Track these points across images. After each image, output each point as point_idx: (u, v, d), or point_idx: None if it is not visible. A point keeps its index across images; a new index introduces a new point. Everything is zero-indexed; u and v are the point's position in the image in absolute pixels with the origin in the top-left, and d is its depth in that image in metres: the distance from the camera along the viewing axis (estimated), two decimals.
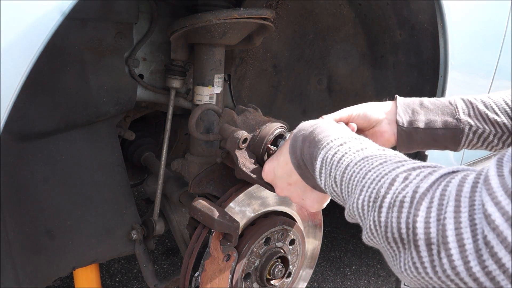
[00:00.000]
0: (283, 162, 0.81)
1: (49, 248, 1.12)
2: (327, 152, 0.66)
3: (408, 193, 0.46)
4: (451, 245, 0.39)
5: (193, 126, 1.01)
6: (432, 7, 1.24)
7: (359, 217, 0.56)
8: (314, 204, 0.82)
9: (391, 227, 0.47)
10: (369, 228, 0.52)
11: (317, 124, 0.74)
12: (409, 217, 0.45)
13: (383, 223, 0.49)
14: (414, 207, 0.44)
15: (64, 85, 1.04)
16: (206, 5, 1.15)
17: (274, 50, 1.59)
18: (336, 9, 1.50)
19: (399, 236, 0.46)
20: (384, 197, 0.50)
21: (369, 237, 0.53)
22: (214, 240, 1.01)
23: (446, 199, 0.42)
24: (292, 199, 0.85)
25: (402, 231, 0.46)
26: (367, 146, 0.64)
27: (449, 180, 0.44)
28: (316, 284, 2.40)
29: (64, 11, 0.69)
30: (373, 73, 1.58)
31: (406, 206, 0.46)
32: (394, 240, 0.47)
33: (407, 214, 0.45)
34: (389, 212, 0.48)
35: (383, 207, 0.49)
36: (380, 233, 0.50)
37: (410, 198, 0.46)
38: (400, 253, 0.47)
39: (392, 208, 0.48)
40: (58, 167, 1.11)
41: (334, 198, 0.67)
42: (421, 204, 0.44)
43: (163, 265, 2.40)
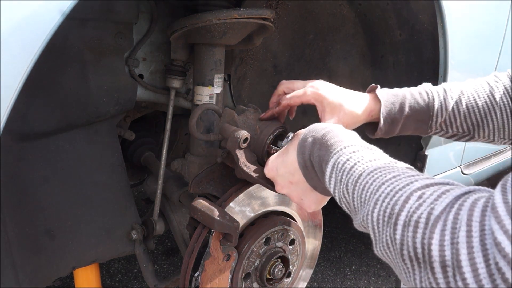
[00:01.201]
0: (287, 161, 0.82)
1: (49, 248, 1.12)
2: (339, 157, 0.67)
3: (423, 214, 0.48)
4: (464, 269, 0.41)
5: (194, 126, 1.02)
6: (432, 7, 1.24)
7: (373, 229, 0.57)
8: (312, 205, 0.84)
9: (407, 245, 0.49)
10: (386, 243, 0.54)
11: (329, 128, 0.75)
12: (424, 238, 0.46)
13: (399, 241, 0.51)
14: (429, 229, 0.46)
15: (64, 85, 1.04)
16: (206, 5, 1.15)
17: (274, 50, 1.59)
18: (336, 9, 1.50)
19: (414, 255, 0.48)
20: (399, 215, 0.51)
21: (384, 251, 0.55)
22: (214, 240, 1.01)
23: (459, 223, 0.44)
24: (291, 197, 0.86)
25: (417, 250, 0.47)
26: (379, 156, 0.66)
27: (462, 203, 0.46)
28: (316, 284, 2.40)
29: (64, 11, 0.69)
30: (373, 73, 1.58)
31: (421, 226, 0.48)
32: (409, 258, 0.49)
33: (422, 235, 0.47)
34: (404, 230, 0.50)
35: (398, 225, 0.51)
36: (395, 250, 0.52)
37: (425, 219, 0.47)
38: (415, 271, 0.49)
39: (407, 227, 0.49)
40: (58, 167, 1.11)
41: (342, 203, 0.68)
42: (435, 227, 0.46)
43: (163, 265, 2.41)
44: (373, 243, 0.58)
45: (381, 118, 0.93)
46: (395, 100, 0.94)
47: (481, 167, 2.04)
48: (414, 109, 0.94)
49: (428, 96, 0.95)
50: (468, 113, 0.94)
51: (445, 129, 0.97)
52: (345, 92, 0.95)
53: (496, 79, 0.95)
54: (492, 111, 0.92)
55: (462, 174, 1.93)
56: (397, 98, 0.94)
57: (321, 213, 1.27)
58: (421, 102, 0.94)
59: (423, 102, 0.95)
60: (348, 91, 0.96)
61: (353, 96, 0.94)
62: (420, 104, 0.94)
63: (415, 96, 0.95)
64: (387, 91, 0.95)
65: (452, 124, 0.96)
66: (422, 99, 0.95)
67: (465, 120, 0.94)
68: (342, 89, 0.96)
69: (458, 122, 0.95)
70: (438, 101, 0.94)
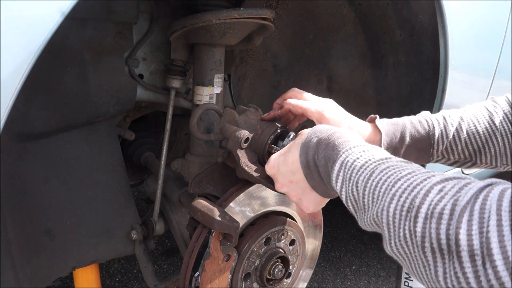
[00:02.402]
0: (290, 160, 0.82)
1: (49, 248, 1.12)
2: (348, 156, 0.67)
3: (447, 206, 0.49)
4: (495, 257, 0.42)
5: (194, 126, 1.02)
6: (432, 7, 1.24)
7: (387, 225, 0.57)
8: (310, 206, 0.84)
9: (430, 237, 0.49)
10: (403, 237, 0.53)
11: (335, 129, 0.76)
12: (450, 229, 0.47)
13: (420, 233, 0.51)
14: (456, 219, 0.47)
15: (64, 85, 1.04)
16: (206, 5, 1.15)
17: (274, 50, 1.59)
18: (336, 9, 1.50)
19: (438, 246, 0.48)
20: (420, 207, 0.51)
21: (401, 246, 0.55)
22: (214, 240, 1.01)
23: (487, 213, 0.44)
24: (290, 197, 0.86)
25: (442, 241, 0.48)
26: (389, 156, 0.66)
27: (487, 194, 0.46)
28: (316, 284, 2.40)
29: (64, 11, 0.69)
30: (373, 73, 1.58)
31: (445, 218, 0.48)
32: (432, 250, 0.49)
33: (447, 226, 0.47)
34: (426, 223, 0.50)
35: (419, 217, 0.51)
36: (416, 243, 0.51)
37: (450, 211, 0.48)
38: (437, 264, 0.49)
39: (430, 219, 0.50)
40: (58, 167, 1.11)
41: (348, 202, 0.68)
42: (462, 217, 0.46)
43: (163, 265, 2.41)
44: (385, 240, 0.58)
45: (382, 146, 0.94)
46: (396, 129, 0.94)
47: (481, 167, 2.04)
48: (415, 138, 0.95)
49: (428, 125, 0.95)
50: (469, 140, 0.95)
51: (446, 156, 0.98)
52: (348, 119, 0.95)
53: (495, 104, 0.95)
54: (493, 137, 0.93)
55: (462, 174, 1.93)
56: (397, 127, 0.94)
57: (321, 213, 1.27)
58: (422, 130, 0.95)
59: (423, 130, 0.95)
60: (351, 118, 0.96)
61: (355, 124, 0.95)
62: (420, 133, 0.95)
63: (415, 125, 0.95)
64: (387, 121, 0.96)
65: (454, 151, 0.96)
66: (423, 128, 0.95)
67: (466, 146, 0.95)
68: (345, 116, 0.96)
69: (459, 149, 0.96)
70: (439, 129, 0.95)
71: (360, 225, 0.66)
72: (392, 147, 0.94)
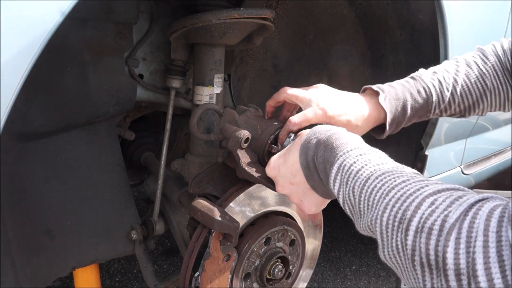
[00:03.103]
0: (290, 161, 0.82)
1: (49, 248, 1.12)
2: (345, 160, 0.68)
3: (437, 221, 0.49)
4: (480, 279, 0.41)
5: (194, 126, 1.01)
6: (432, 7, 1.24)
7: (381, 234, 0.57)
8: (311, 207, 0.84)
9: (419, 251, 0.49)
10: (395, 248, 0.54)
11: (334, 130, 0.76)
12: (438, 245, 0.47)
13: (410, 246, 0.51)
14: (444, 237, 0.47)
15: (64, 85, 1.04)
16: (206, 5, 1.15)
17: (274, 50, 1.59)
18: (336, 9, 1.50)
19: (427, 261, 0.48)
20: (411, 220, 0.52)
21: (393, 255, 0.55)
22: (214, 240, 1.01)
23: (475, 233, 0.44)
24: (291, 198, 0.86)
25: (430, 257, 0.48)
26: (386, 160, 0.66)
27: (476, 212, 0.46)
28: (316, 284, 2.40)
29: (64, 11, 0.69)
30: (373, 73, 1.58)
31: (435, 233, 0.48)
32: (421, 264, 0.50)
33: (436, 242, 0.47)
34: (417, 236, 0.50)
35: (409, 230, 0.51)
36: (406, 255, 0.52)
37: (439, 227, 0.48)
38: (425, 278, 0.49)
39: (420, 233, 0.50)
40: (58, 167, 1.11)
41: (345, 205, 0.68)
42: (450, 235, 0.46)
43: (163, 265, 2.40)
44: (379, 248, 0.58)
45: (387, 126, 0.96)
46: (398, 104, 0.95)
47: (481, 167, 2.04)
48: (415, 109, 0.97)
49: (427, 93, 0.98)
50: (462, 100, 1.00)
51: (439, 114, 1.03)
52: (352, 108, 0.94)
53: (485, 59, 0.99)
54: (483, 95, 0.99)
55: (463, 174, 1.93)
56: (398, 102, 0.96)
57: (321, 213, 1.27)
58: (421, 101, 0.97)
59: (422, 100, 0.97)
60: (351, 102, 0.95)
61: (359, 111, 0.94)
62: (420, 103, 0.97)
63: (415, 97, 0.97)
64: (389, 98, 0.95)
65: (447, 110, 1.02)
66: (422, 98, 0.97)
67: (458, 105, 1.00)
68: (345, 102, 0.95)
69: (452, 109, 1.01)
70: (436, 96, 0.98)
71: (357, 228, 0.66)
72: (395, 122, 0.97)
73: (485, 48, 1.01)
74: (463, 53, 1.04)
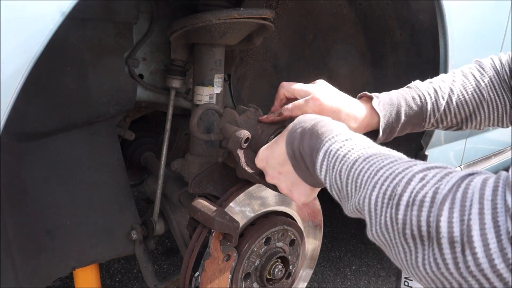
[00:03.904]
0: (277, 152, 0.82)
1: (49, 248, 1.12)
2: (331, 145, 0.68)
3: (428, 194, 0.49)
4: (476, 244, 0.42)
5: (195, 126, 1.01)
6: (432, 7, 1.24)
7: (369, 212, 0.57)
8: (301, 197, 0.83)
9: (411, 224, 0.50)
10: (384, 225, 0.54)
11: (319, 119, 0.76)
12: (430, 216, 0.48)
13: (401, 220, 0.51)
14: (437, 207, 0.47)
15: (64, 85, 1.04)
16: (206, 5, 1.15)
17: (274, 50, 1.59)
18: (336, 9, 1.50)
19: (418, 233, 0.49)
20: (402, 195, 0.52)
21: (381, 233, 0.55)
22: (214, 240, 1.01)
23: (469, 202, 0.45)
24: (280, 189, 0.86)
25: (422, 228, 0.48)
26: (373, 145, 0.67)
27: (468, 183, 0.47)
28: (316, 284, 2.40)
29: (64, 11, 0.69)
30: (373, 73, 1.58)
31: (426, 205, 0.49)
32: (412, 236, 0.50)
33: (427, 213, 0.48)
34: (407, 210, 0.51)
35: (400, 205, 0.52)
36: (397, 230, 0.52)
37: (431, 198, 0.49)
38: (418, 250, 0.50)
39: (412, 206, 0.50)
40: (58, 167, 1.11)
41: (332, 190, 0.68)
42: (443, 205, 0.47)
43: (163, 265, 2.41)
44: (367, 227, 0.59)
45: (381, 131, 0.95)
46: (391, 110, 0.96)
47: (481, 167, 2.04)
48: (409, 115, 0.97)
49: (421, 101, 0.97)
50: (458, 110, 0.99)
51: (435, 125, 1.02)
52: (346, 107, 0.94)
53: (482, 72, 0.99)
54: (480, 106, 0.98)
55: None
56: (393, 107, 0.96)
57: (321, 213, 1.27)
58: (415, 108, 0.97)
59: (417, 107, 0.97)
60: (347, 100, 0.95)
61: (353, 111, 0.94)
62: (414, 110, 0.97)
63: (409, 103, 0.97)
64: (383, 102, 0.96)
65: (443, 121, 1.01)
66: (416, 105, 0.97)
67: (455, 116, 1.00)
68: (341, 98, 0.95)
69: (448, 119, 1.00)
70: (431, 104, 0.97)
71: (345, 212, 0.67)
72: (389, 127, 0.96)
73: (483, 60, 1.01)
74: (463, 53, 1.05)
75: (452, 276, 0.45)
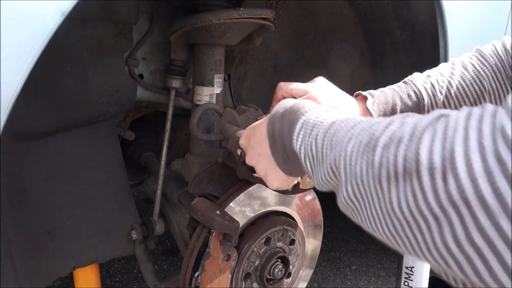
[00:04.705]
0: (258, 132, 0.82)
1: (49, 248, 1.12)
2: (310, 116, 0.68)
3: (407, 130, 0.46)
4: (459, 166, 0.38)
5: (195, 126, 1.01)
6: (432, 7, 1.24)
7: (344, 166, 0.55)
8: (274, 182, 0.82)
9: (387, 163, 0.46)
10: (359, 174, 0.51)
11: (300, 100, 0.76)
12: (408, 150, 0.44)
13: (378, 163, 0.48)
14: (416, 140, 0.44)
15: (64, 85, 1.04)
16: (206, 5, 1.15)
17: (274, 50, 1.59)
18: (336, 9, 1.50)
19: (394, 172, 0.46)
20: (379, 138, 0.49)
21: (356, 185, 0.52)
22: (214, 240, 1.01)
23: (451, 130, 0.41)
24: (257, 171, 0.85)
25: (398, 165, 0.45)
26: (352, 114, 0.67)
27: (448, 115, 0.44)
28: (316, 284, 2.40)
29: (64, 11, 0.69)
30: (373, 73, 1.58)
31: (404, 141, 0.45)
32: (387, 177, 0.46)
33: (405, 147, 0.45)
34: (385, 149, 0.48)
35: (377, 147, 0.49)
36: (372, 175, 0.49)
37: (410, 134, 0.45)
38: (391, 191, 0.46)
39: (389, 145, 0.47)
40: (58, 167, 1.11)
41: (306, 160, 0.67)
42: (423, 135, 0.44)
43: (163, 265, 2.41)
44: (341, 186, 0.55)
45: None
46: (386, 109, 0.95)
47: None
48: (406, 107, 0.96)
49: (418, 97, 0.96)
50: (458, 103, 0.96)
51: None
52: (342, 101, 0.95)
53: (482, 60, 0.96)
54: (481, 97, 0.95)
55: None
56: (387, 106, 0.95)
57: (321, 213, 1.27)
58: (412, 105, 0.96)
59: (413, 104, 0.96)
60: (345, 99, 0.96)
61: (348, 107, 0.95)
62: (410, 107, 0.96)
63: (405, 101, 0.96)
64: (378, 102, 0.95)
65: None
66: (412, 102, 0.96)
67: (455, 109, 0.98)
68: (339, 97, 0.96)
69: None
70: (428, 100, 0.96)
71: (315, 185, 0.65)
72: None
73: (484, 48, 0.98)
74: (463, 53, 1.04)
75: (430, 210, 0.41)
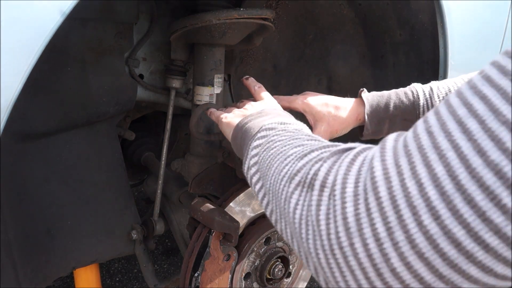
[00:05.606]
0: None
1: (49, 248, 1.12)
2: (255, 142, 0.70)
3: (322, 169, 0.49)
4: (337, 187, 0.43)
5: (195, 126, 1.02)
6: (432, 7, 1.24)
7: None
8: None
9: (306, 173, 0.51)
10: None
11: (259, 110, 0.82)
12: (319, 169, 0.48)
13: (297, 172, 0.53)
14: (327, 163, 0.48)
15: (64, 85, 1.04)
16: (206, 5, 1.15)
17: (274, 50, 1.59)
18: (336, 9, 1.50)
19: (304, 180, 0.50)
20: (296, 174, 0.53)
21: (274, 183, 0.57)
22: (214, 240, 1.01)
23: (341, 161, 0.46)
24: None
25: (308, 176, 0.49)
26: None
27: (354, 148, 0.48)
28: (316, 284, 2.40)
29: (64, 11, 0.69)
30: (373, 73, 1.58)
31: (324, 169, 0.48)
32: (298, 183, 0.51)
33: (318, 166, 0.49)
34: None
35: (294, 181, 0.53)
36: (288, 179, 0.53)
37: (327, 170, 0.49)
38: (293, 194, 0.51)
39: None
40: (58, 167, 1.11)
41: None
42: (326, 162, 0.48)
43: (163, 265, 2.41)
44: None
45: (366, 118, 0.97)
46: (380, 100, 0.98)
47: None
48: (400, 108, 0.98)
49: (414, 96, 0.98)
50: None
51: None
52: (333, 99, 1.00)
53: None
54: None
55: None
56: (382, 98, 0.98)
57: None
58: (406, 101, 0.98)
59: (408, 101, 0.98)
60: (336, 99, 1.00)
61: (340, 103, 0.99)
62: (405, 103, 0.98)
63: (399, 96, 0.98)
64: (373, 93, 0.99)
65: None
66: (407, 98, 0.98)
67: None
68: (330, 97, 1.01)
69: None
70: (424, 100, 0.97)
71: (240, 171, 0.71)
72: (376, 117, 0.97)
73: None
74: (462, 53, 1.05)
75: (318, 222, 0.44)
